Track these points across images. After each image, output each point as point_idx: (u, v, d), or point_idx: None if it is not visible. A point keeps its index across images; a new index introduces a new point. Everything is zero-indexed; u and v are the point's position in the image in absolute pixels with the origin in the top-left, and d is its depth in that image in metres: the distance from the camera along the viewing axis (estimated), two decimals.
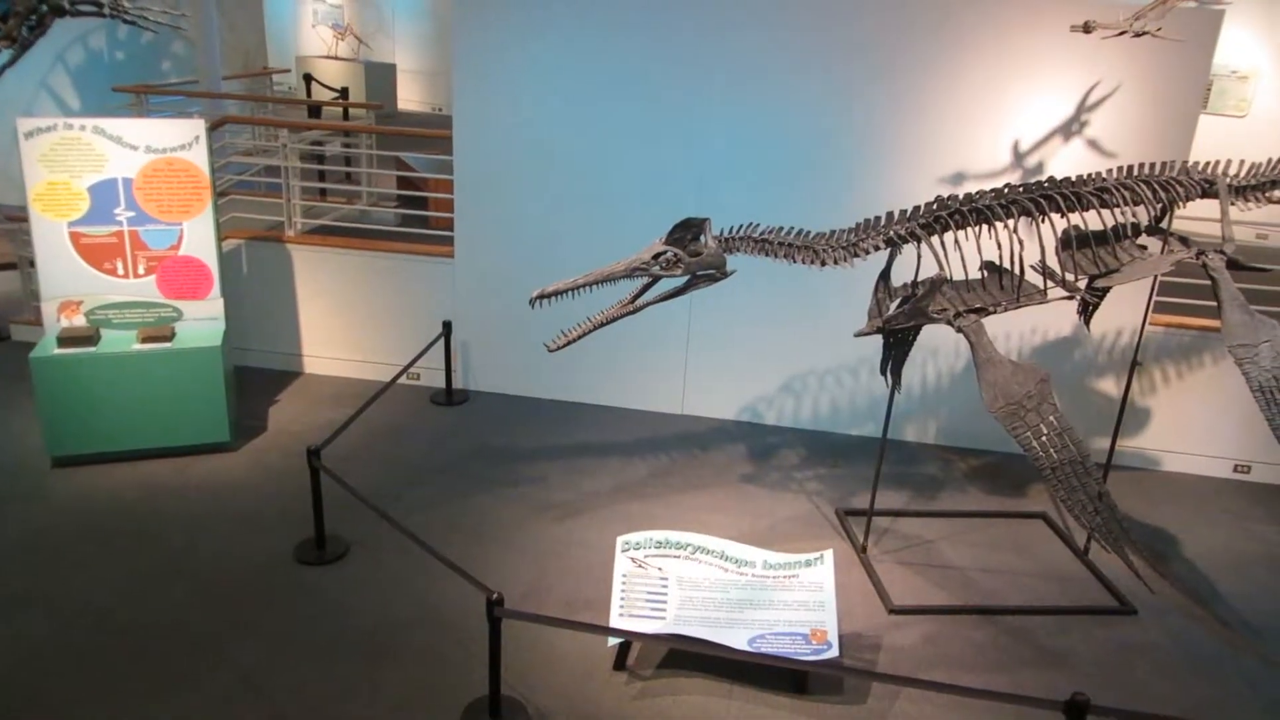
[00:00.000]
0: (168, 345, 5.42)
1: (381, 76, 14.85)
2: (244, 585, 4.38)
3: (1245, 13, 10.28)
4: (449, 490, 5.33)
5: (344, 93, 12.41)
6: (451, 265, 6.47)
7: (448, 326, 6.38)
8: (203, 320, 5.64)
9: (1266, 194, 4.48)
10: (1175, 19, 5.00)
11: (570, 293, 3.91)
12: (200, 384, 5.43)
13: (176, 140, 5.42)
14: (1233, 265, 4.27)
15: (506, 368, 6.60)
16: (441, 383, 6.56)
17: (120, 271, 5.47)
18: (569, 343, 4.00)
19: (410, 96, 17.22)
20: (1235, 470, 6.13)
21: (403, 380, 6.22)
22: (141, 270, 5.50)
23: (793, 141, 5.85)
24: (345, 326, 6.73)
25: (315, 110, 11.30)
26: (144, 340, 5.42)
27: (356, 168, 9.01)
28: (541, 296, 3.85)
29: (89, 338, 5.35)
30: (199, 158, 5.48)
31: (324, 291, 6.68)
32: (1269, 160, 4.47)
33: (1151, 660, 4.26)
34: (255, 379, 6.60)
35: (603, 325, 4.06)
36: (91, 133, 5.27)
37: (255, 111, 10.76)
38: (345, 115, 11.50)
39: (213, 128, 5.87)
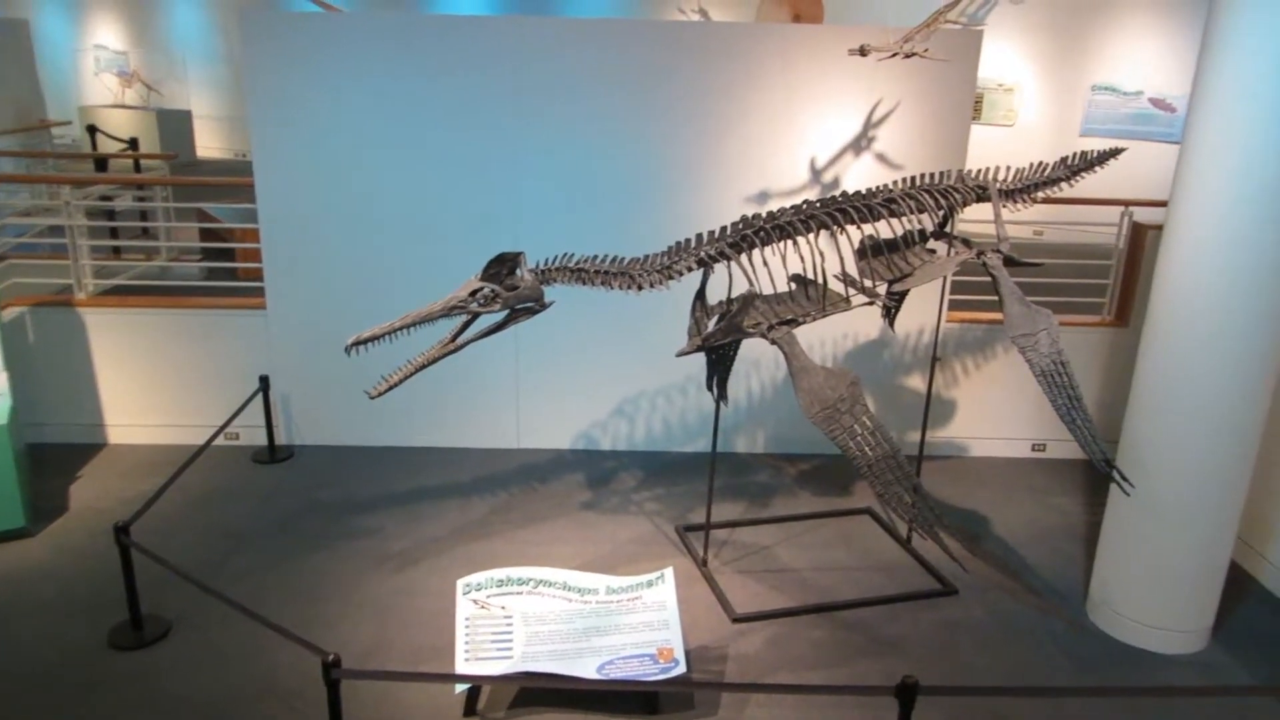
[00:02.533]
0: None
1: (176, 124, 14.14)
2: (54, 681, 4.04)
3: (1004, 31, 11.25)
4: (279, 552, 5.10)
5: (133, 143, 11.74)
6: (264, 316, 6.22)
7: (265, 380, 6.12)
8: None
9: (1032, 195, 4.89)
10: (941, 40, 5.42)
11: (388, 336, 3.84)
12: None
13: None
14: (1009, 262, 4.63)
15: (332, 418, 6.39)
16: (263, 440, 6.27)
17: None
18: (391, 387, 3.93)
19: (209, 143, 16.46)
20: (1033, 449, 6.64)
21: (220, 441, 5.90)
22: None
23: (604, 171, 5.96)
24: (152, 390, 6.35)
25: (102, 163, 10.63)
26: None
27: (153, 222, 8.54)
28: (357, 343, 3.77)
29: None
30: None
31: (125, 355, 6.28)
32: (1031, 165, 4.89)
33: (973, 635, 4.55)
34: (53, 456, 6.11)
35: (425, 366, 4.02)
36: None
37: (33, 168, 10.02)
38: (136, 166, 10.87)
39: None
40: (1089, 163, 4.92)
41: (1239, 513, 4.40)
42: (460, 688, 3.85)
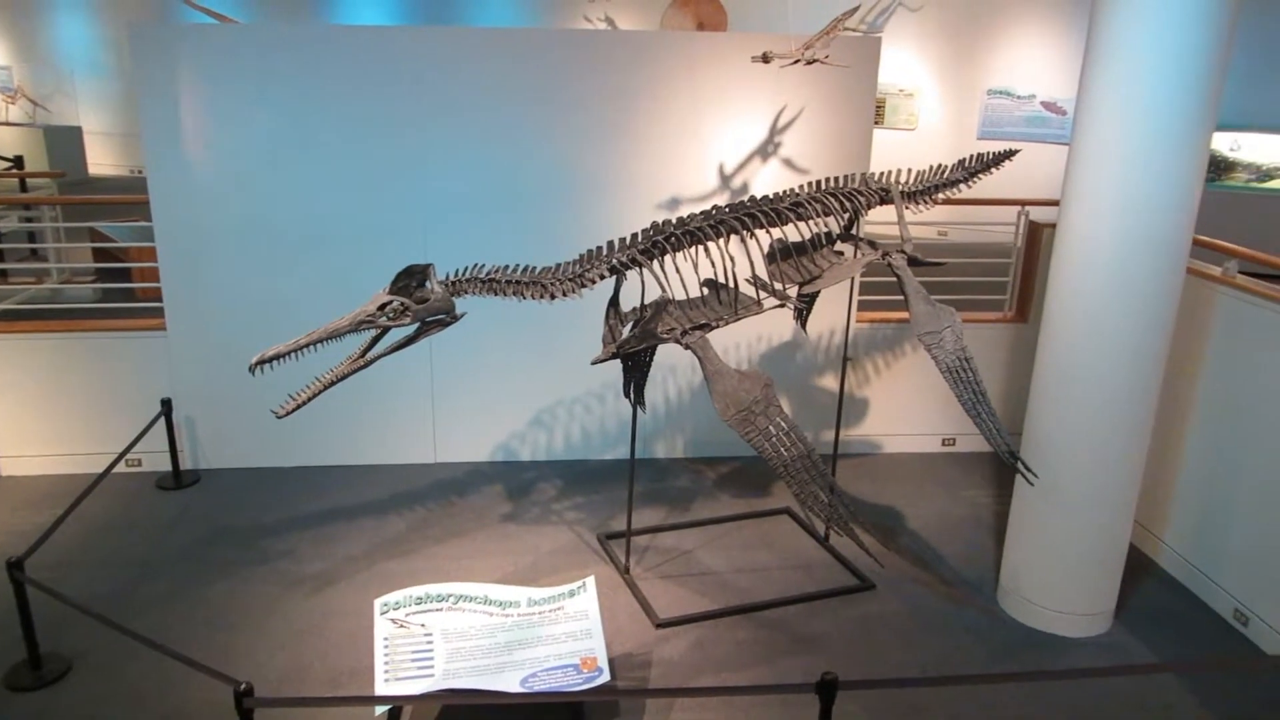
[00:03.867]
0: None
1: (65, 141, 13.54)
2: None
3: (903, 38, 11.57)
4: (187, 581, 4.93)
5: (18, 161, 11.24)
6: (164, 338, 6.01)
7: (167, 404, 5.90)
8: None
9: (933, 197, 5.03)
10: (841, 47, 5.55)
11: (294, 354, 3.75)
12: None
13: None
14: (913, 262, 4.75)
15: (240, 440, 6.20)
16: (167, 465, 6.05)
17: None
18: (299, 406, 3.83)
19: (102, 160, 15.84)
20: (944, 444, 6.82)
21: (121, 468, 5.69)
22: None
23: (513, 181, 5.92)
24: (47, 418, 6.07)
25: None
26: None
27: (42, 243, 8.18)
28: (261, 362, 3.66)
29: None
30: None
31: (16, 382, 6.00)
32: (930, 167, 5.03)
33: (891, 629, 4.65)
34: None
35: (334, 383, 3.93)
36: None
37: None
38: (23, 186, 10.41)
39: None
40: (985, 164, 5.07)
41: (1136, 498, 4.59)
42: (380, 709, 3.77)
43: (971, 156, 5.07)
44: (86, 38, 16.34)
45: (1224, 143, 10.53)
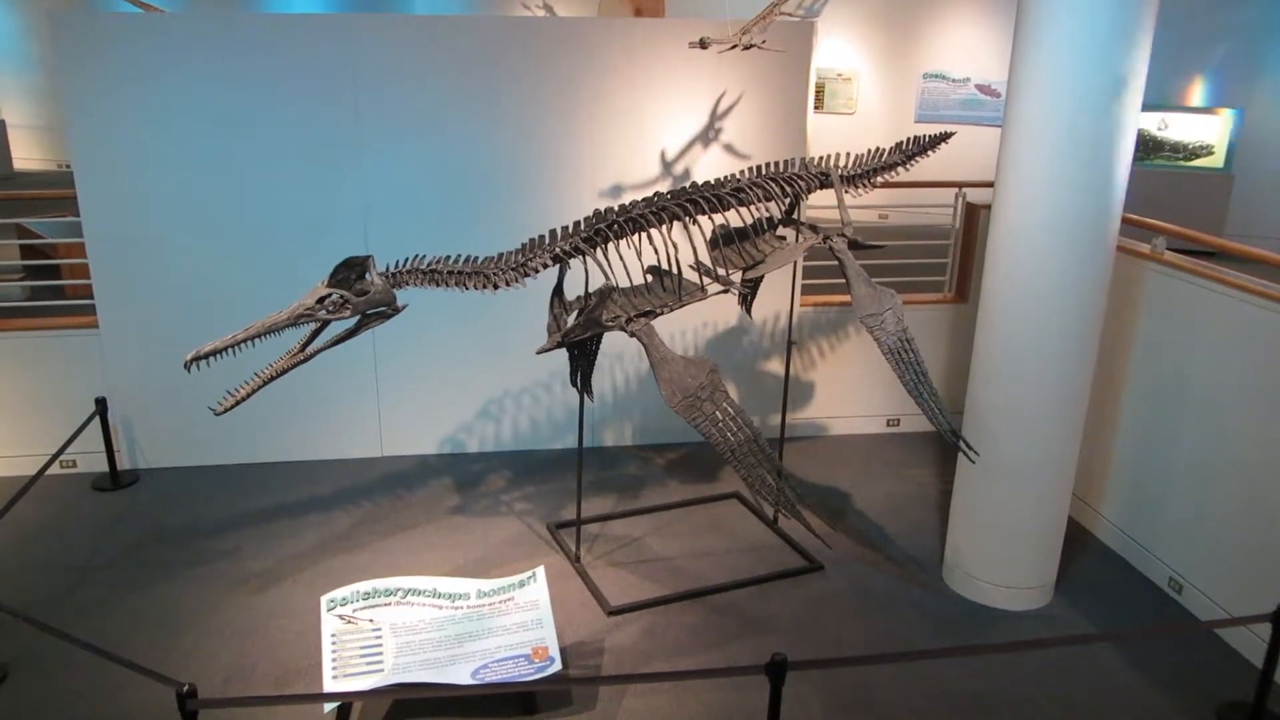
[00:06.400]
0: None
1: None
2: None
3: (840, 22, 11.66)
4: (126, 583, 4.82)
5: None
6: (97, 336, 5.85)
7: (101, 403, 5.75)
8: None
9: (871, 180, 5.08)
10: (777, 32, 5.57)
11: (231, 350, 3.67)
12: None
13: None
14: (854, 245, 4.80)
15: (179, 438, 6.06)
16: (103, 466, 5.90)
17: None
18: (238, 402, 3.76)
19: (27, 155, 15.33)
20: (888, 425, 6.92)
21: (55, 470, 5.54)
22: None
23: (453, 170, 5.86)
24: None
25: None
26: None
27: None
28: (197, 359, 3.58)
29: None
30: None
31: None
32: (869, 151, 5.08)
33: (840, 608, 4.72)
34: None
35: (274, 379, 3.85)
36: None
37: None
38: None
39: None
40: (922, 147, 5.14)
41: (1073, 472, 4.70)
42: (329, 707, 3.73)
43: (909, 140, 5.13)
44: (8, 28, 15.78)
45: (1152, 122, 10.80)
